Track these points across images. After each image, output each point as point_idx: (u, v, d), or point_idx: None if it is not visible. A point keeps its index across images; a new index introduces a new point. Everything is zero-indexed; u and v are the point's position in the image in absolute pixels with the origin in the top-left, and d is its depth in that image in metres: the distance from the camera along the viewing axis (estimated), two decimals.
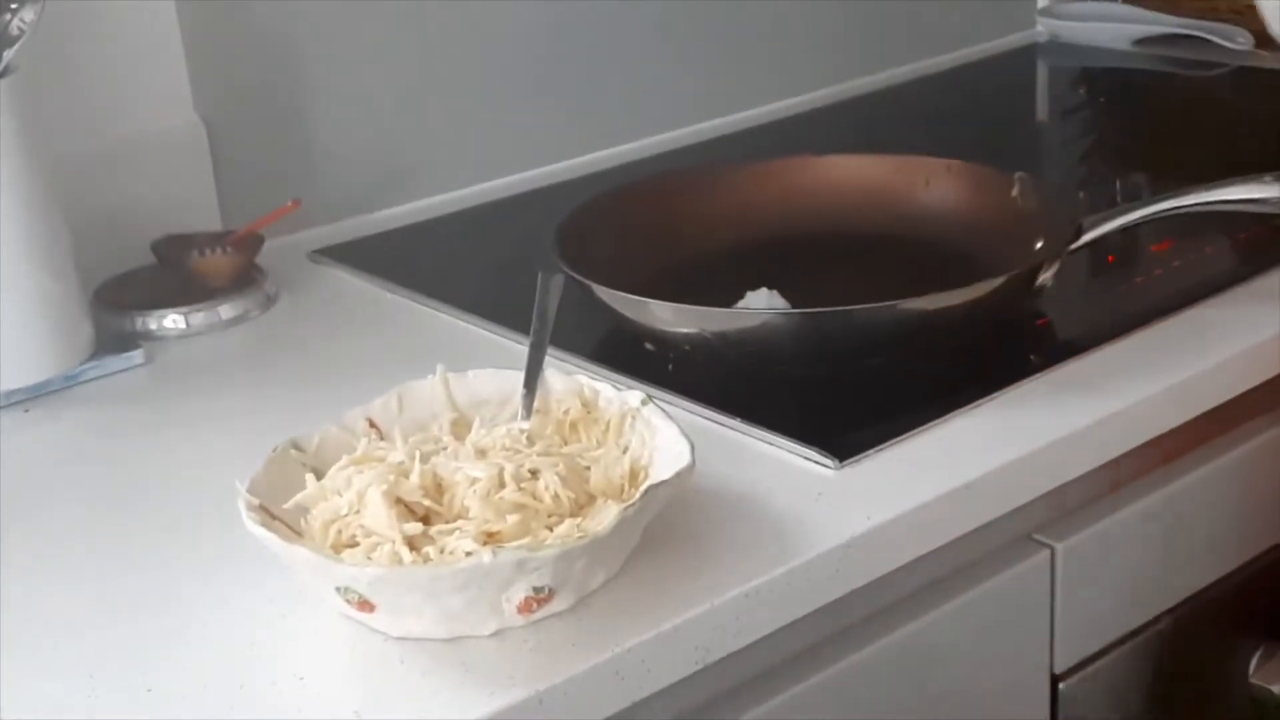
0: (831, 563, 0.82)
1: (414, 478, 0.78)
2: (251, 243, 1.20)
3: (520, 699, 0.71)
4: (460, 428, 0.86)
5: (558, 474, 0.78)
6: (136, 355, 1.09)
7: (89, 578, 0.84)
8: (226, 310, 1.15)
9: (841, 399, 0.98)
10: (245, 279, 1.18)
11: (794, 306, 1.02)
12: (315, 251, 1.27)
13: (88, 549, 0.86)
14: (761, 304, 1.05)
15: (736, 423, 0.93)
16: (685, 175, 1.22)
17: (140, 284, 1.17)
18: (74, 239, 1.08)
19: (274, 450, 0.82)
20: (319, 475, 0.81)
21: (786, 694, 0.84)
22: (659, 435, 0.82)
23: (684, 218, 1.17)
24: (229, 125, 1.27)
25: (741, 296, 1.07)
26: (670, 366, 1.00)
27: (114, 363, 1.08)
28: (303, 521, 0.79)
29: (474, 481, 0.77)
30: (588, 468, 0.81)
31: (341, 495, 0.78)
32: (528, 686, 0.72)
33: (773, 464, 0.89)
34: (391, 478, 0.77)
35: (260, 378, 1.07)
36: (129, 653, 0.77)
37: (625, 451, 0.83)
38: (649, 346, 1.02)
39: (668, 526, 0.82)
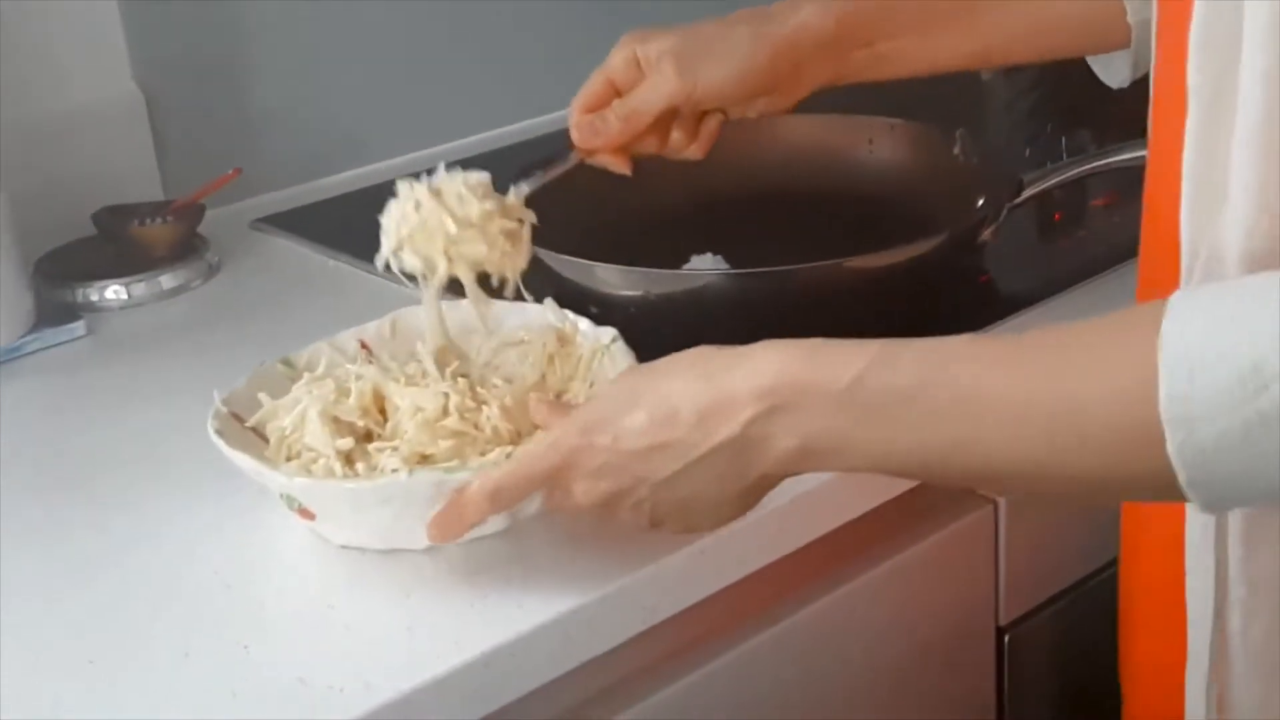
0: (779, 520, 0.82)
1: (352, 399, 0.80)
2: (192, 212, 1.18)
3: (469, 659, 0.71)
4: (446, 355, 0.87)
5: (502, 405, 0.79)
6: (78, 327, 1.08)
7: (32, 550, 0.83)
8: (168, 280, 1.14)
9: None
10: (187, 249, 1.17)
11: (738, 268, 1.02)
12: (257, 220, 1.26)
13: (31, 522, 0.86)
14: (706, 267, 1.05)
15: None
16: None
17: (81, 256, 1.16)
18: (12, 211, 1.06)
19: (260, 365, 0.85)
20: None
21: (734, 651, 0.85)
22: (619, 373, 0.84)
23: (626, 181, 1.16)
24: (168, 94, 1.25)
25: (686, 261, 1.07)
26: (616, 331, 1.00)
27: (55, 335, 1.07)
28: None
29: (419, 410, 0.79)
30: None
31: (291, 414, 0.80)
32: (475, 648, 0.72)
33: None
34: (331, 398, 0.80)
35: (203, 347, 1.06)
36: (72, 624, 0.76)
37: (591, 387, 0.84)
38: (594, 310, 1.01)
39: None
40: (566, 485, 0.72)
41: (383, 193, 1.31)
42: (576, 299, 1.01)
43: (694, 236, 1.07)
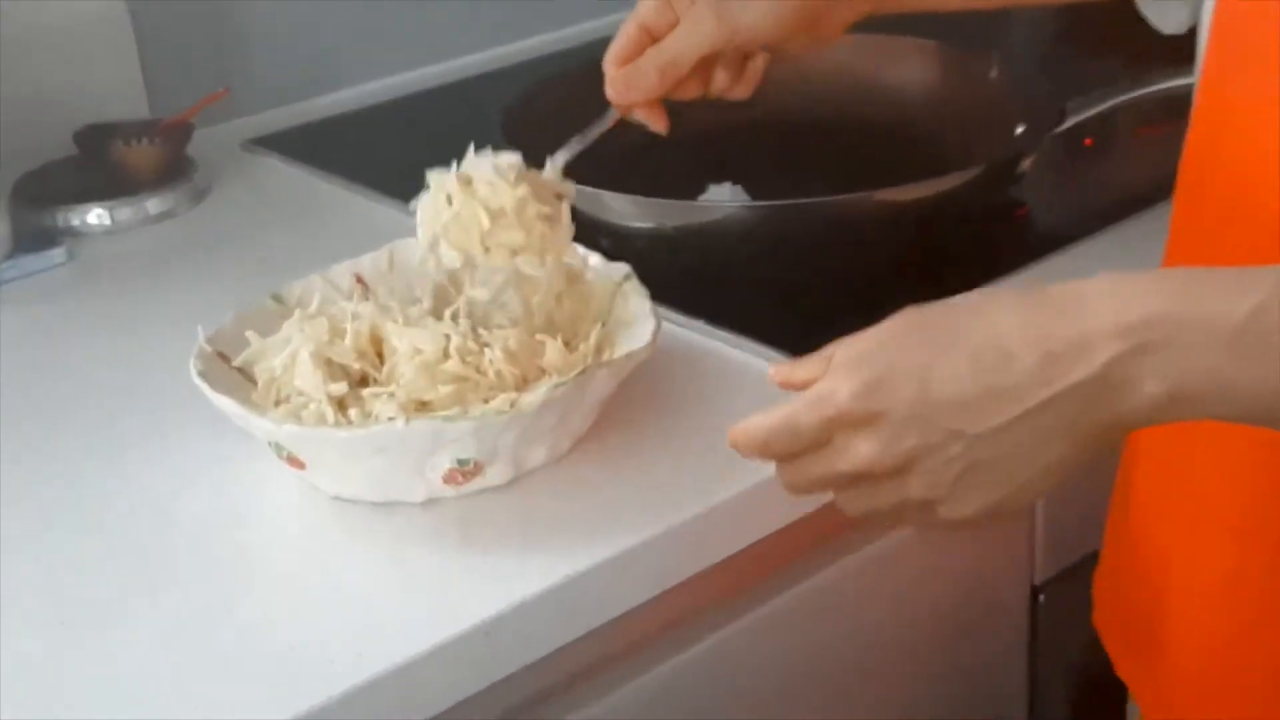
0: None
1: (348, 340, 0.76)
2: (180, 133, 1.14)
3: (467, 628, 0.67)
4: (445, 289, 0.83)
5: (505, 348, 0.75)
6: (58, 253, 1.04)
7: (11, 490, 0.78)
8: (154, 204, 1.09)
9: (809, 297, 0.93)
10: (174, 171, 1.12)
11: (758, 199, 0.97)
12: (248, 141, 1.21)
13: (10, 459, 0.81)
14: (724, 198, 0.99)
15: (699, 324, 0.89)
16: None
17: (62, 177, 1.12)
18: None
19: (248, 301, 0.81)
20: None
21: (760, 610, 0.81)
22: (632, 313, 0.81)
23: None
24: (155, 8, 1.20)
25: (704, 191, 1.01)
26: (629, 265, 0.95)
27: (34, 262, 1.03)
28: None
29: (418, 352, 0.75)
30: (543, 343, 0.78)
31: (280, 354, 0.76)
32: (473, 617, 0.67)
33: (737, 366, 0.85)
34: (325, 338, 0.76)
35: (190, 276, 1.01)
36: (42, 582, 0.72)
37: (602, 327, 0.80)
38: (605, 244, 0.96)
39: (629, 429, 0.79)
40: (844, 444, 0.62)
41: (378, 114, 1.28)
42: (587, 231, 0.95)
43: (712, 165, 1.02)
